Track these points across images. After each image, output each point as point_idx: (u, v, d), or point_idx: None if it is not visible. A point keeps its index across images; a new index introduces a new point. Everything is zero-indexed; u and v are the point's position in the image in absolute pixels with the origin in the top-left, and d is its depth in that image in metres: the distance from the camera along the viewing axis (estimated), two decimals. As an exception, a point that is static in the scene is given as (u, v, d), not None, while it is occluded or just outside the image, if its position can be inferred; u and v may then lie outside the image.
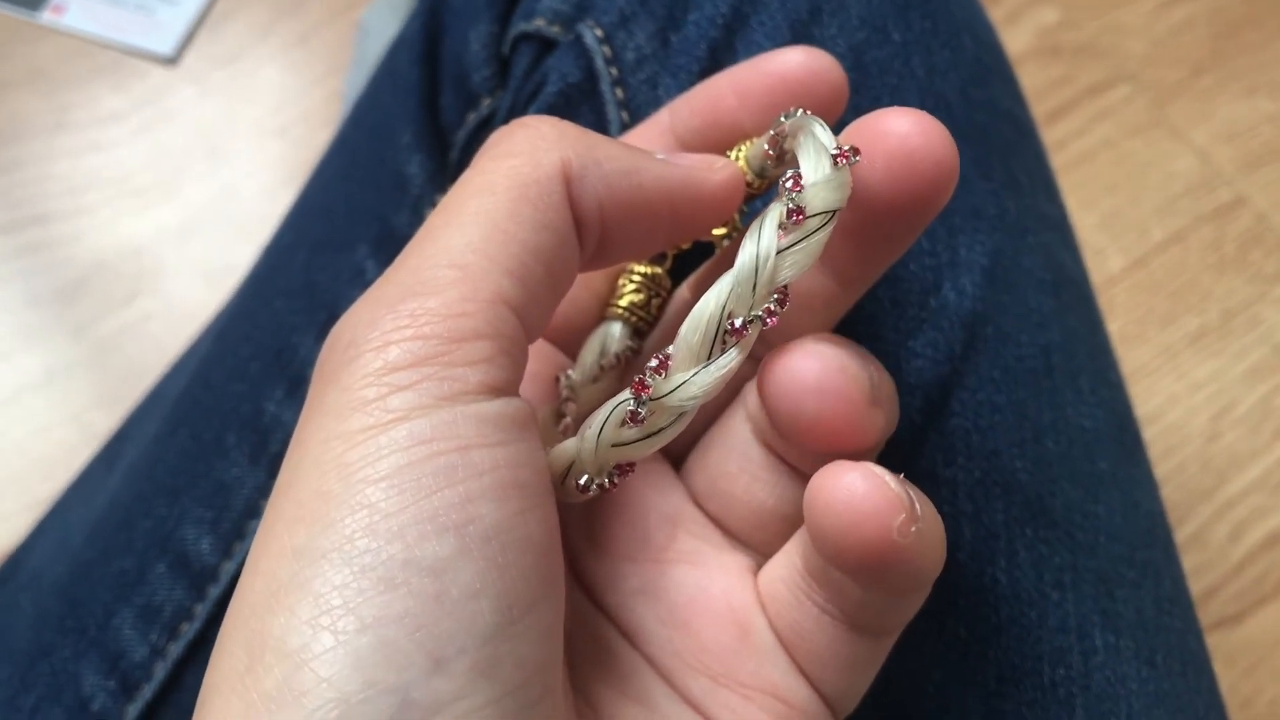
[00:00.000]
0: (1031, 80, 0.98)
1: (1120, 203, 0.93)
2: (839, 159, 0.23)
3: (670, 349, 0.23)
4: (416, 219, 0.41)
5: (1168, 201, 0.95)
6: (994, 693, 0.32)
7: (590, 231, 0.24)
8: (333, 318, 0.40)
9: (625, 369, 0.30)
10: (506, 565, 0.20)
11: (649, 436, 0.23)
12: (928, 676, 0.33)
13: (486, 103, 0.42)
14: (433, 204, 0.41)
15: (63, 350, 0.88)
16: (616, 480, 0.24)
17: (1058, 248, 0.38)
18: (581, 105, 0.37)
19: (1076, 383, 0.35)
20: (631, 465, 0.24)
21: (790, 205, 0.23)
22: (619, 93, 0.37)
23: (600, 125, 0.37)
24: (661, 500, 0.27)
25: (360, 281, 0.41)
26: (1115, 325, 0.86)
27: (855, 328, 0.33)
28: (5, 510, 0.83)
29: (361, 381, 0.21)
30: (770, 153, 0.26)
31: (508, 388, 0.22)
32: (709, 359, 0.23)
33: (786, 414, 0.24)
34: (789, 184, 0.23)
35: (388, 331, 0.21)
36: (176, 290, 0.90)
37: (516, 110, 0.39)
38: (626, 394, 0.23)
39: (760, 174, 0.27)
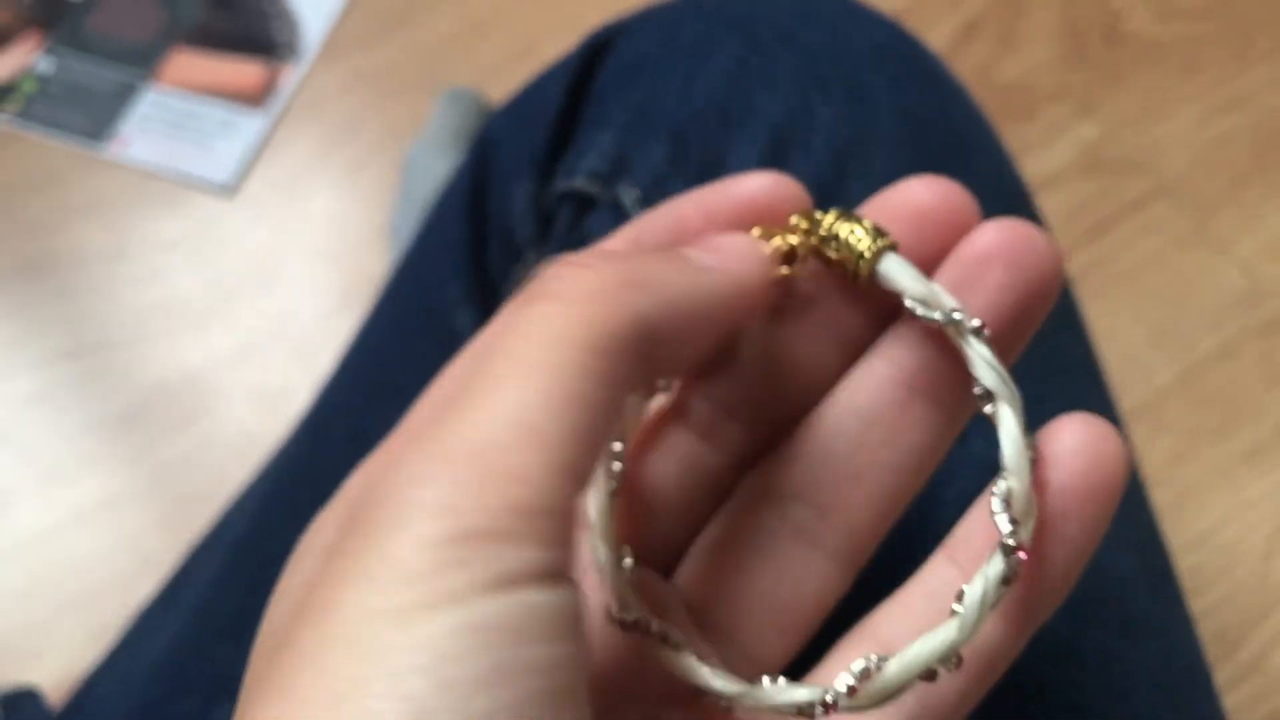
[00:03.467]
0: (1073, 196, 0.98)
1: (1167, 316, 0.93)
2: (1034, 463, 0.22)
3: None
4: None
5: (1215, 314, 0.94)
6: None
7: (655, 371, 0.22)
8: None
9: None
10: None
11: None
12: None
13: (532, 257, 0.42)
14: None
15: (122, 475, 0.89)
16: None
17: (1084, 392, 0.37)
18: None
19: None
20: None
21: (1011, 568, 0.22)
22: None
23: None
24: None
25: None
26: (1166, 442, 0.85)
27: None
28: (66, 637, 0.83)
29: (416, 553, 0.18)
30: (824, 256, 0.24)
31: (565, 573, 0.20)
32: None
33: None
34: (1011, 539, 0.22)
35: (447, 492, 0.18)
36: (233, 415, 0.92)
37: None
38: (816, 694, 0.23)
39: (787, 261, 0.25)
